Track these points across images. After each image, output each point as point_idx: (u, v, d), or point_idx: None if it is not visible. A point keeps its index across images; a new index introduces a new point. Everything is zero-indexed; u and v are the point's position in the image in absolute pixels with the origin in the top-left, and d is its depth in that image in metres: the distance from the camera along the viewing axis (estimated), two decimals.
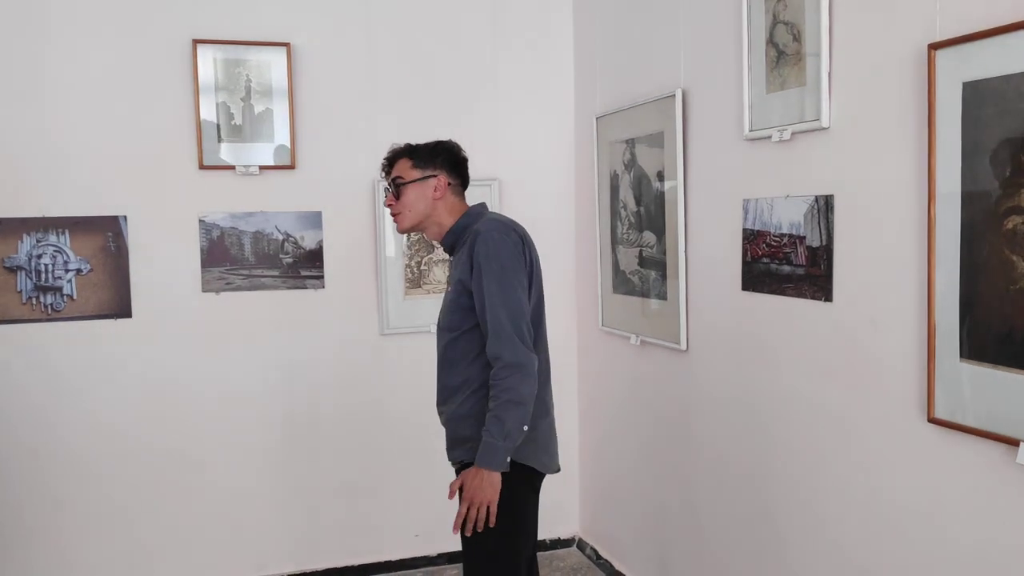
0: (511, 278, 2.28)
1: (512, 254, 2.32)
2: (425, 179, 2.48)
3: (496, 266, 2.28)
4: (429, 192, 2.48)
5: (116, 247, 3.53)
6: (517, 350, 2.23)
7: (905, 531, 2.20)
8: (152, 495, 3.65)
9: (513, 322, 2.25)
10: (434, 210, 2.49)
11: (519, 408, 2.22)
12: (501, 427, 2.21)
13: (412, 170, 2.49)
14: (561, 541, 4.25)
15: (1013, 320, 1.84)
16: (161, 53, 3.55)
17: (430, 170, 2.48)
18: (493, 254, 2.29)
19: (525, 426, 2.24)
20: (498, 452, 2.22)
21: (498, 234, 2.32)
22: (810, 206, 2.46)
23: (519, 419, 2.23)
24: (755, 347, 2.78)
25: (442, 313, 2.47)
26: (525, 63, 4.04)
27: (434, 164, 2.49)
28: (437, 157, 2.50)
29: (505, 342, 2.23)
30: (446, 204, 2.50)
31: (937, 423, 2.05)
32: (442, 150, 2.53)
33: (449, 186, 2.50)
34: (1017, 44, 1.81)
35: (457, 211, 2.51)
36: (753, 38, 2.68)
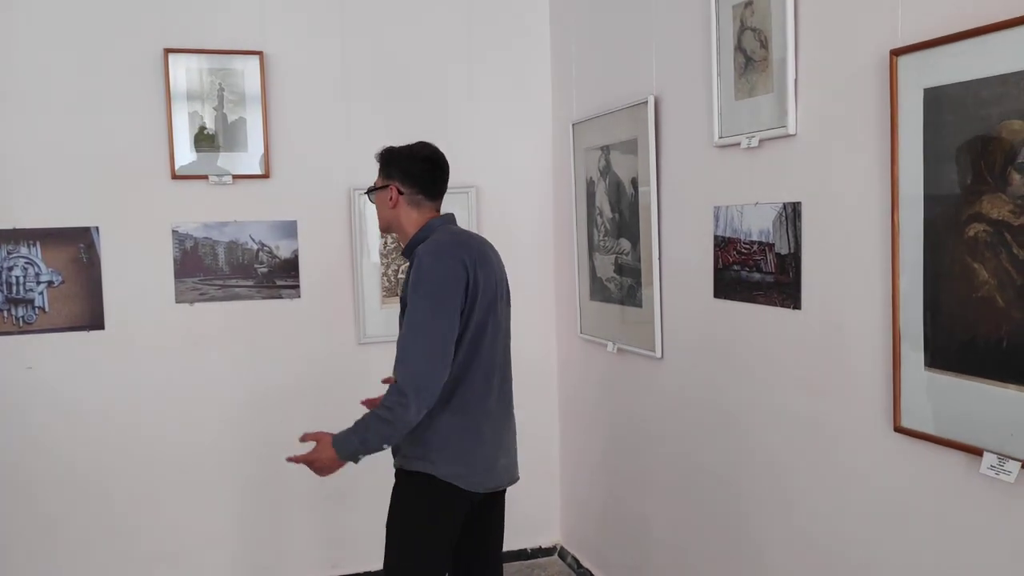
0: (434, 303, 2.28)
1: (443, 278, 2.30)
2: (384, 188, 2.50)
3: (422, 291, 2.28)
4: (386, 201, 2.49)
5: (88, 258, 3.50)
6: (408, 379, 2.26)
7: (874, 540, 2.18)
8: (126, 507, 3.62)
9: (417, 350, 2.27)
10: (395, 219, 2.51)
11: (389, 427, 2.28)
12: (364, 431, 2.31)
13: (378, 176, 2.53)
14: (542, 550, 4.23)
15: (976, 328, 1.83)
16: (132, 63, 3.52)
17: (385, 179, 2.50)
18: (423, 278, 2.29)
19: (386, 445, 2.34)
20: (348, 447, 2.33)
21: (432, 257, 2.32)
22: (778, 213, 2.45)
23: (384, 437, 2.31)
24: (727, 355, 2.76)
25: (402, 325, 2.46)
26: (502, 70, 4.02)
27: (389, 173, 2.49)
28: (389, 166, 2.50)
29: (404, 367, 2.27)
30: (404, 214, 2.49)
31: (903, 432, 2.03)
32: (393, 158, 2.50)
33: (402, 195, 2.48)
34: (976, 50, 1.79)
35: (417, 222, 2.49)
36: (722, 44, 2.67)
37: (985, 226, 1.79)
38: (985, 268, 1.80)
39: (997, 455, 1.78)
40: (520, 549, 4.18)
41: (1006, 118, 1.73)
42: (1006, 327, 1.76)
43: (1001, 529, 1.82)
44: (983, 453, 1.81)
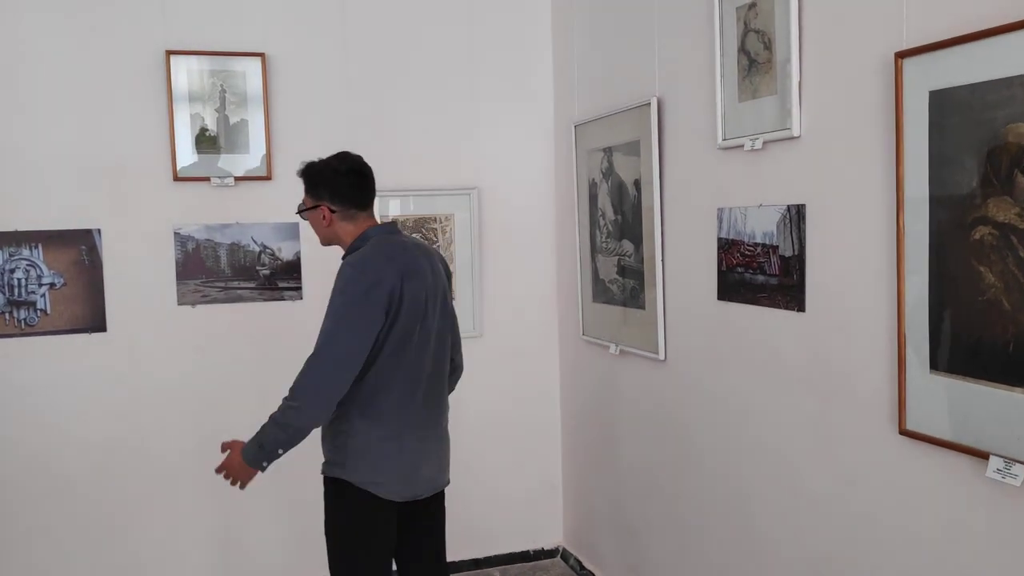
0: (346, 315, 2.31)
1: (359, 292, 2.31)
2: (315, 208, 2.51)
3: (338, 301, 2.33)
4: (320, 220, 2.52)
5: (90, 261, 3.50)
6: (306, 390, 2.30)
7: (879, 543, 2.17)
8: (127, 510, 3.62)
9: (324, 355, 2.31)
10: (332, 234, 2.54)
11: (281, 432, 2.33)
12: (262, 437, 2.36)
13: (306, 196, 2.54)
14: (545, 552, 4.22)
15: (981, 332, 1.82)
16: (134, 64, 3.52)
17: (315, 200, 2.51)
18: (338, 289, 2.34)
19: (281, 450, 2.36)
20: (250, 452, 2.39)
21: (352, 269, 2.35)
22: (782, 215, 2.44)
23: (279, 442, 2.35)
24: (731, 357, 2.76)
25: None
26: (504, 70, 4.01)
27: (317, 194, 2.51)
28: (315, 187, 2.51)
29: (302, 372, 2.32)
30: (340, 229, 2.51)
31: (908, 435, 2.03)
32: (318, 179, 2.50)
33: (335, 213, 2.50)
34: (981, 53, 1.79)
35: (354, 234, 2.51)
36: (725, 46, 2.66)
37: (991, 229, 1.78)
38: (991, 271, 1.79)
39: (1003, 459, 1.78)
40: (523, 551, 4.18)
41: (1012, 121, 1.72)
42: (1012, 330, 1.75)
43: (1007, 533, 1.81)
44: (989, 456, 1.81)
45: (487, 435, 4.08)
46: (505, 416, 4.11)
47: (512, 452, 4.13)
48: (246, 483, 2.48)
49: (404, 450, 2.46)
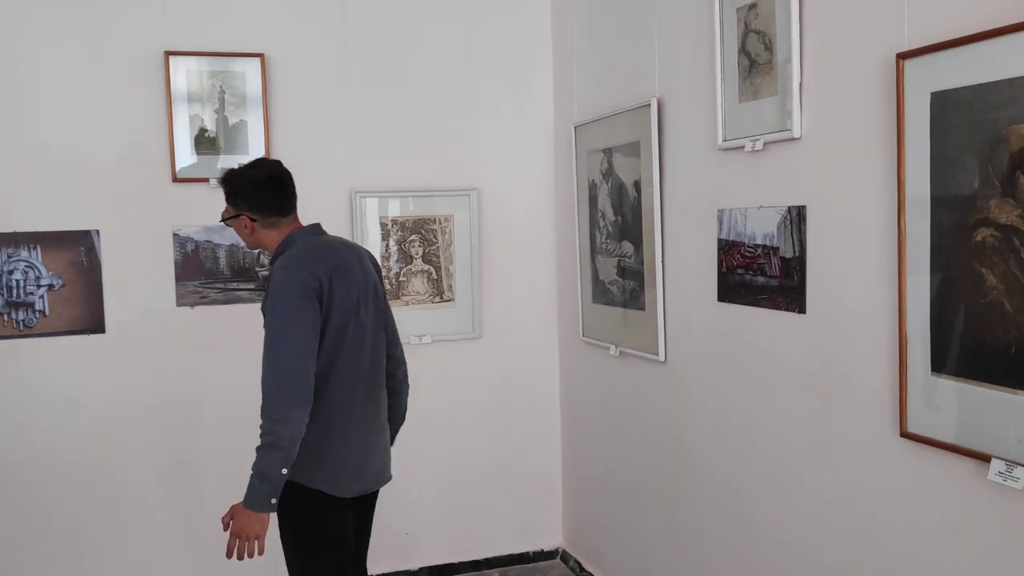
0: (290, 316, 2.31)
1: (294, 290, 2.33)
2: (236, 217, 2.54)
3: (276, 306, 2.33)
4: (243, 229, 2.55)
5: (88, 262, 3.49)
6: (274, 393, 2.27)
7: (880, 545, 2.17)
8: (125, 510, 3.61)
9: (277, 363, 2.28)
10: (256, 241, 2.56)
11: (275, 452, 2.25)
12: (261, 472, 2.26)
13: (226, 206, 2.56)
14: (544, 553, 4.22)
15: (983, 334, 1.82)
16: (133, 65, 3.51)
17: (235, 210, 2.53)
18: (275, 292, 2.34)
19: (284, 469, 2.27)
20: (258, 494, 2.28)
21: (283, 272, 2.36)
22: (783, 216, 2.43)
23: (276, 463, 2.26)
24: (732, 359, 2.75)
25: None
26: (503, 71, 4.01)
27: (236, 204, 2.52)
28: (235, 198, 2.52)
29: (266, 385, 2.28)
30: (264, 235, 2.54)
31: (909, 437, 2.02)
32: (236, 190, 2.51)
33: (255, 221, 2.52)
34: (984, 54, 1.78)
35: (278, 239, 2.54)
36: (726, 47, 2.65)
37: (993, 231, 1.78)
38: (993, 273, 1.78)
39: (1005, 461, 1.77)
40: (522, 552, 4.17)
41: (1014, 122, 1.72)
42: (1014, 333, 1.74)
43: (1009, 536, 1.80)
44: (991, 459, 1.80)
45: (487, 436, 4.07)
46: (505, 417, 4.10)
47: (512, 453, 4.12)
48: (263, 537, 2.35)
49: (350, 444, 2.48)
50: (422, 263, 3.91)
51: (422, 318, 3.92)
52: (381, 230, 3.84)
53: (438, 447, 4.00)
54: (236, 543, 2.34)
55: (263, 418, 2.28)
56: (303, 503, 2.42)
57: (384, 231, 3.84)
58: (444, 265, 3.94)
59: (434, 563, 4.03)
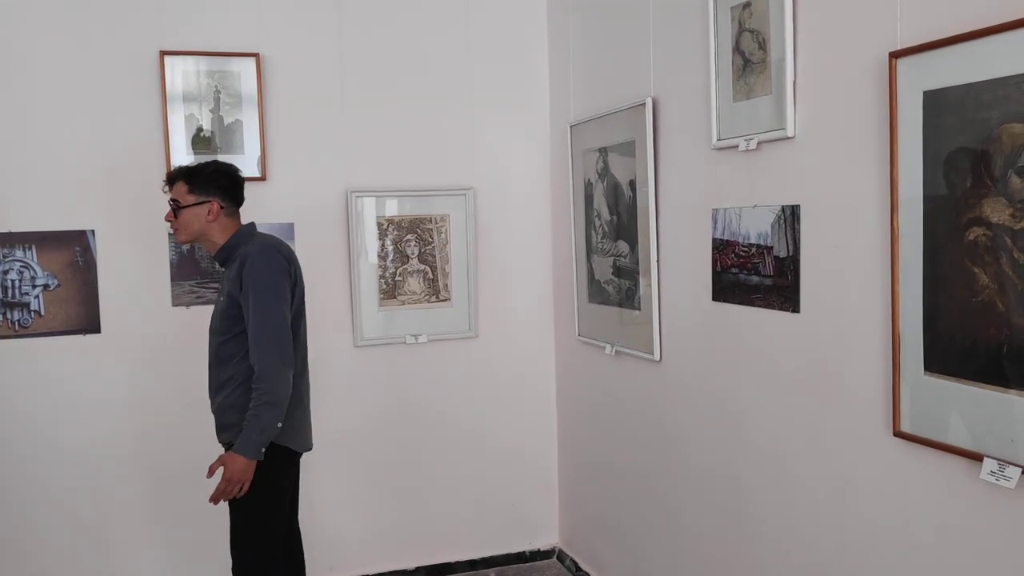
0: (273, 294, 2.65)
1: (274, 273, 2.68)
2: (200, 204, 2.75)
3: (261, 284, 2.64)
4: (203, 215, 2.76)
5: (84, 262, 3.48)
6: (272, 358, 2.61)
7: (873, 545, 2.17)
8: (121, 510, 3.61)
9: (272, 332, 2.63)
10: (209, 230, 2.79)
11: (274, 408, 2.61)
12: (258, 424, 2.60)
13: (188, 195, 2.76)
14: (541, 552, 4.22)
15: (976, 333, 1.82)
16: (128, 65, 3.50)
17: (204, 196, 2.76)
18: (258, 274, 2.65)
19: (280, 423, 2.64)
20: (253, 444, 2.60)
21: (263, 256, 2.68)
22: (777, 216, 2.43)
23: (274, 418, 2.62)
24: (726, 358, 2.75)
25: (213, 319, 2.81)
26: (499, 71, 4.00)
27: (208, 191, 2.76)
28: (212, 185, 2.77)
29: (264, 351, 2.61)
30: (219, 225, 2.79)
31: (902, 437, 2.02)
32: (218, 177, 2.79)
33: (222, 209, 2.79)
34: (977, 53, 1.78)
35: (229, 230, 2.80)
36: (720, 46, 2.65)
37: (985, 230, 1.78)
38: (985, 272, 1.78)
39: (997, 461, 1.77)
40: (519, 552, 4.17)
41: (1006, 121, 1.72)
42: (1006, 332, 1.74)
43: (1001, 536, 1.80)
44: (983, 459, 1.80)
45: (483, 435, 4.07)
46: (501, 416, 4.10)
47: (508, 452, 4.12)
48: (248, 483, 2.65)
49: (304, 407, 2.88)
50: (418, 263, 3.90)
51: (418, 318, 3.92)
52: (377, 229, 3.84)
53: (434, 446, 4.00)
54: (227, 487, 2.63)
55: (262, 381, 2.60)
56: (273, 460, 2.71)
57: (380, 230, 3.84)
58: (440, 265, 3.94)
59: (431, 562, 4.03)
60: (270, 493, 2.76)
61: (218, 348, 2.78)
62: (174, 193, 2.78)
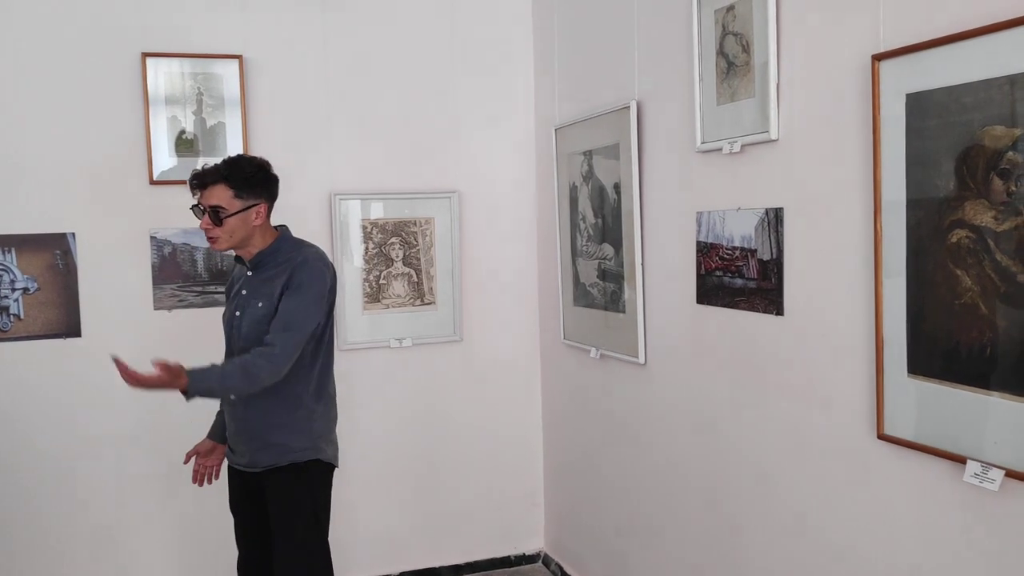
0: (317, 304, 2.57)
1: (326, 286, 2.62)
2: (248, 208, 2.57)
3: (311, 291, 2.55)
4: (251, 219, 2.59)
5: (64, 265, 3.45)
6: (287, 353, 2.50)
7: (856, 547, 2.16)
8: (101, 516, 3.57)
9: (301, 332, 2.53)
10: (251, 235, 2.62)
11: (248, 385, 2.47)
12: (223, 377, 2.46)
13: (234, 200, 2.55)
14: (526, 557, 4.20)
15: (959, 336, 1.82)
16: (110, 67, 3.47)
17: (252, 199, 2.58)
18: (313, 281, 2.57)
19: (234, 396, 2.58)
20: (205, 382, 2.43)
21: (321, 264, 2.63)
22: (760, 219, 2.43)
23: (239, 388, 2.50)
24: (710, 361, 2.74)
25: (244, 326, 2.63)
26: (485, 74, 3.99)
27: (256, 193, 2.59)
28: (258, 185, 2.60)
29: (287, 341, 2.49)
30: (262, 230, 2.64)
31: (886, 439, 2.02)
32: (263, 179, 2.62)
33: (269, 213, 2.66)
34: (959, 56, 1.78)
35: (270, 234, 2.67)
36: (704, 49, 2.65)
37: (968, 232, 1.78)
38: (968, 275, 1.79)
39: (981, 463, 1.77)
40: (504, 556, 4.15)
41: (988, 124, 1.72)
42: (989, 334, 1.75)
43: (984, 538, 1.80)
44: (966, 461, 1.80)
45: (468, 439, 4.05)
46: (486, 420, 4.08)
47: (493, 456, 4.10)
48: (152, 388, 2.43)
49: (334, 420, 2.80)
50: (402, 266, 3.89)
51: (403, 321, 3.90)
52: (361, 232, 3.81)
53: (419, 450, 3.98)
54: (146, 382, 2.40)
55: (262, 360, 2.46)
56: (326, 478, 2.70)
57: (364, 233, 3.82)
58: (425, 268, 3.92)
59: (416, 567, 4.01)
60: (327, 512, 2.73)
61: None
62: (214, 198, 2.53)
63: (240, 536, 2.85)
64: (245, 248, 2.65)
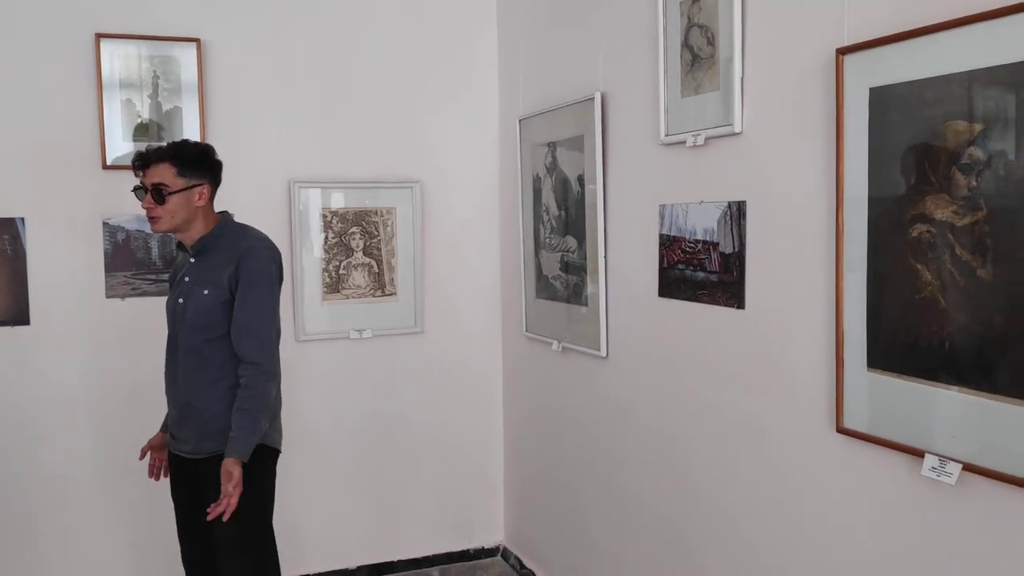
0: (273, 293, 2.57)
1: (276, 273, 2.60)
2: (191, 187, 2.54)
3: (264, 281, 2.54)
4: (193, 200, 2.56)
5: (13, 250, 3.35)
6: (272, 358, 2.54)
7: (814, 540, 2.17)
8: (50, 510, 3.48)
9: (273, 330, 2.56)
10: (193, 217, 2.58)
11: (268, 410, 2.54)
12: (255, 425, 2.49)
13: (177, 178, 2.52)
14: (485, 550, 4.18)
15: (918, 330, 1.82)
16: (62, 48, 3.37)
17: (196, 179, 2.55)
18: (264, 270, 2.55)
19: (267, 424, 2.56)
20: (249, 446, 2.48)
21: (269, 252, 2.60)
22: (723, 212, 2.43)
23: (265, 418, 2.53)
24: (672, 354, 2.74)
25: (189, 313, 2.59)
26: (448, 62, 3.95)
27: (200, 173, 2.56)
28: (203, 166, 2.58)
29: (265, 349, 2.52)
30: (204, 212, 2.60)
31: (845, 433, 2.03)
32: (207, 160, 2.60)
33: (213, 193, 2.63)
34: (921, 51, 1.79)
35: (212, 218, 2.63)
36: (669, 41, 2.64)
37: (929, 227, 1.78)
38: (928, 269, 1.79)
39: (938, 457, 1.78)
40: (462, 550, 4.13)
41: (950, 119, 1.72)
42: (948, 328, 1.75)
43: (942, 531, 1.81)
44: (924, 455, 1.81)
45: (428, 432, 4.02)
46: (446, 413, 4.05)
47: (453, 449, 4.07)
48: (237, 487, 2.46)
49: (280, 407, 2.74)
50: (363, 256, 3.83)
51: (363, 312, 3.85)
52: (321, 221, 3.76)
53: (378, 443, 3.94)
54: (234, 494, 2.43)
55: (255, 380, 2.49)
56: (272, 464, 2.68)
57: (324, 223, 3.76)
58: (386, 258, 3.87)
59: (373, 561, 3.97)
60: (267, 495, 2.67)
61: (202, 347, 2.57)
62: (157, 176, 2.49)
63: (182, 528, 2.80)
64: (187, 232, 2.60)
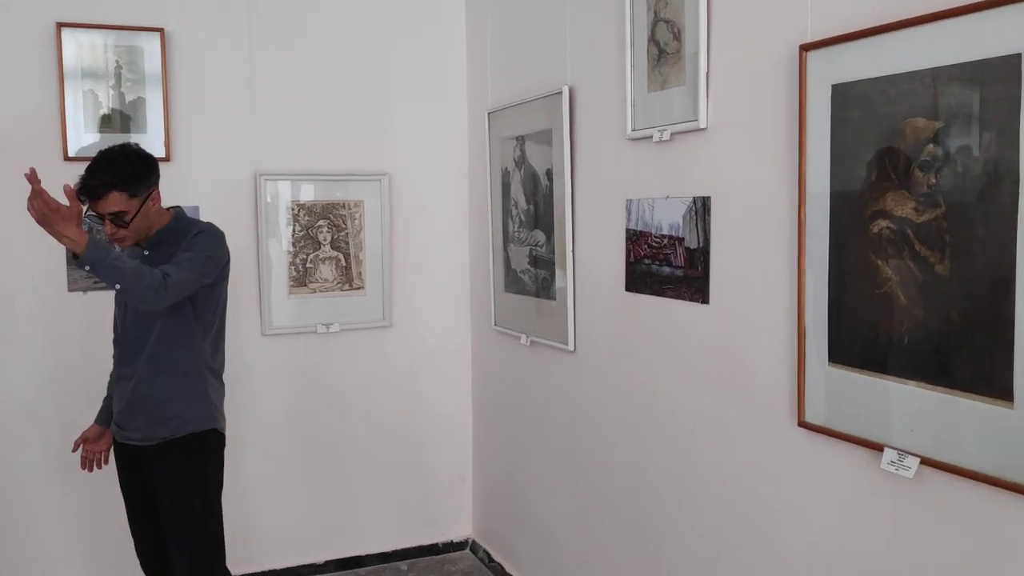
0: (208, 266, 2.58)
1: (219, 255, 2.64)
2: (146, 202, 2.56)
3: (206, 252, 2.58)
4: (151, 209, 2.60)
5: None
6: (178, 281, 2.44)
7: (775, 533, 2.19)
8: (13, 511, 3.43)
9: (192, 273, 2.50)
10: (153, 219, 2.63)
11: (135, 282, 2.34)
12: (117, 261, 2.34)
13: (131, 201, 2.52)
14: (454, 544, 4.17)
15: (878, 325, 1.84)
16: (21, 36, 3.31)
17: (145, 191, 2.55)
18: (210, 245, 2.60)
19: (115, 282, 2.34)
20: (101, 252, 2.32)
21: (215, 238, 2.65)
22: (688, 207, 2.43)
23: (125, 278, 2.34)
24: (637, 349, 2.75)
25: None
26: (416, 55, 3.92)
27: (147, 185, 2.56)
28: (147, 177, 2.57)
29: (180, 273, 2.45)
30: (158, 208, 2.64)
31: (807, 427, 2.04)
32: (147, 169, 2.58)
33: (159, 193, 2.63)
34: (883, 47, 1.80)
35: (165, 212, 2.68)
36: (636, 36, 2.64)
37: (889, 223, 1.80)
38: (888, 265, 1.81)
39: (897, 451, 1.80)
40: (431, 544, 4.12)
41: (911, 116, 1.74)
42: (907, 324, 1.77)
43: (900, 524, 1.84)
44: (884, 448, 1.83)
45: (396, 426, 4.00)
46: (415, 407, 4.03)
47: (422, 443, 4.06)
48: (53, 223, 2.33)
49: (223, 395, 2.80)
50: (330, 249, 3.81)
51: (330, 306, 3.82)
52: (288, 214, 3.72)
53: (346, 437, 3.92)
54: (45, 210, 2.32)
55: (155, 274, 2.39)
56: (220, 447, 2.72)
57: (291, 215, 3.73)
58: (354, 252, 3.85)
59: (341, 555, 3.95)
60: (220, 482, 2.73)
61: (160, 333, 2.59)
62: (111, 206, 2.49)
63: (133, 519, 2.81)
64: (140, 235, 2.64)
